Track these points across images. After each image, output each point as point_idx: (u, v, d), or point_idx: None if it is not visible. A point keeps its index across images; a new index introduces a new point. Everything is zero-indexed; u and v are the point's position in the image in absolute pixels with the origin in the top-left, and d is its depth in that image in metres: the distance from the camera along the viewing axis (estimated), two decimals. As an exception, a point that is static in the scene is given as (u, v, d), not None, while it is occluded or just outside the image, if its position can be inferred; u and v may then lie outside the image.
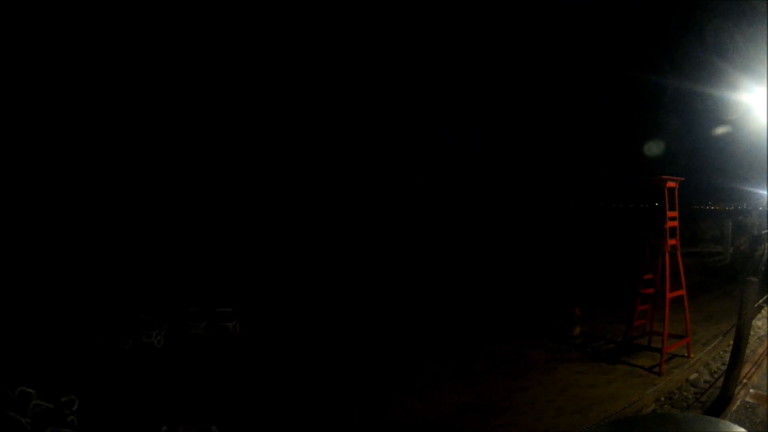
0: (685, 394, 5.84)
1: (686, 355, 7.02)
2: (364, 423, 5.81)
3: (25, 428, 5.00)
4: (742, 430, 2.13)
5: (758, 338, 7.01)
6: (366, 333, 9.04)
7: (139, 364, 7.45)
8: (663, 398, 5.55)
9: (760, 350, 6.32)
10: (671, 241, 6.85)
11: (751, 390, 5.07)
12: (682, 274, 7.02)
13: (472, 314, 10.50)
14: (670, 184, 6.85)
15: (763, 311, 7.82)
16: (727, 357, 5.71)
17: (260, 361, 7.72)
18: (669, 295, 6.70)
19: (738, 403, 4.80)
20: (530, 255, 18.00)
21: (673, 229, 6.91)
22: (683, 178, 7.05)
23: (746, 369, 5.40)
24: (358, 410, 5.98)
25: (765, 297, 7.16)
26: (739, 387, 5.02)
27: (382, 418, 5.84)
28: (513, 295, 12.41)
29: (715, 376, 6.21)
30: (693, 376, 6.30)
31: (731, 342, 5.11)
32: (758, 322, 7.70)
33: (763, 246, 14.86)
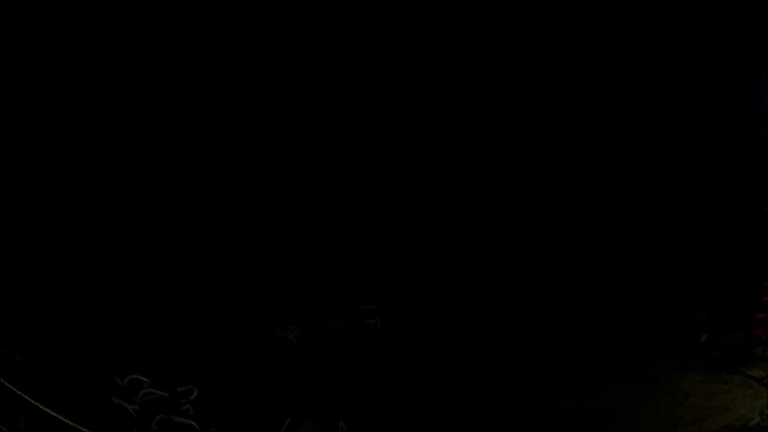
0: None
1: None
2: (488, 423, 6.45)
3: (130, 415, 4.87)
4: None
5: None
6: (502, 337, 9.20)
7: (270, 358, 7.74)
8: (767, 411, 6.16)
9: None
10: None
11: None
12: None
13: (599, 320, 10.44)
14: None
15: None
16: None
17: (398, 359, 8.17)
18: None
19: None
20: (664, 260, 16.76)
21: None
22: None
23: None
24: (483, 411, 6.61)
25: None
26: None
27: (508, 419, 6.53)
28: (643, 300, 12.44)
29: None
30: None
31: None
32: None
33: None
